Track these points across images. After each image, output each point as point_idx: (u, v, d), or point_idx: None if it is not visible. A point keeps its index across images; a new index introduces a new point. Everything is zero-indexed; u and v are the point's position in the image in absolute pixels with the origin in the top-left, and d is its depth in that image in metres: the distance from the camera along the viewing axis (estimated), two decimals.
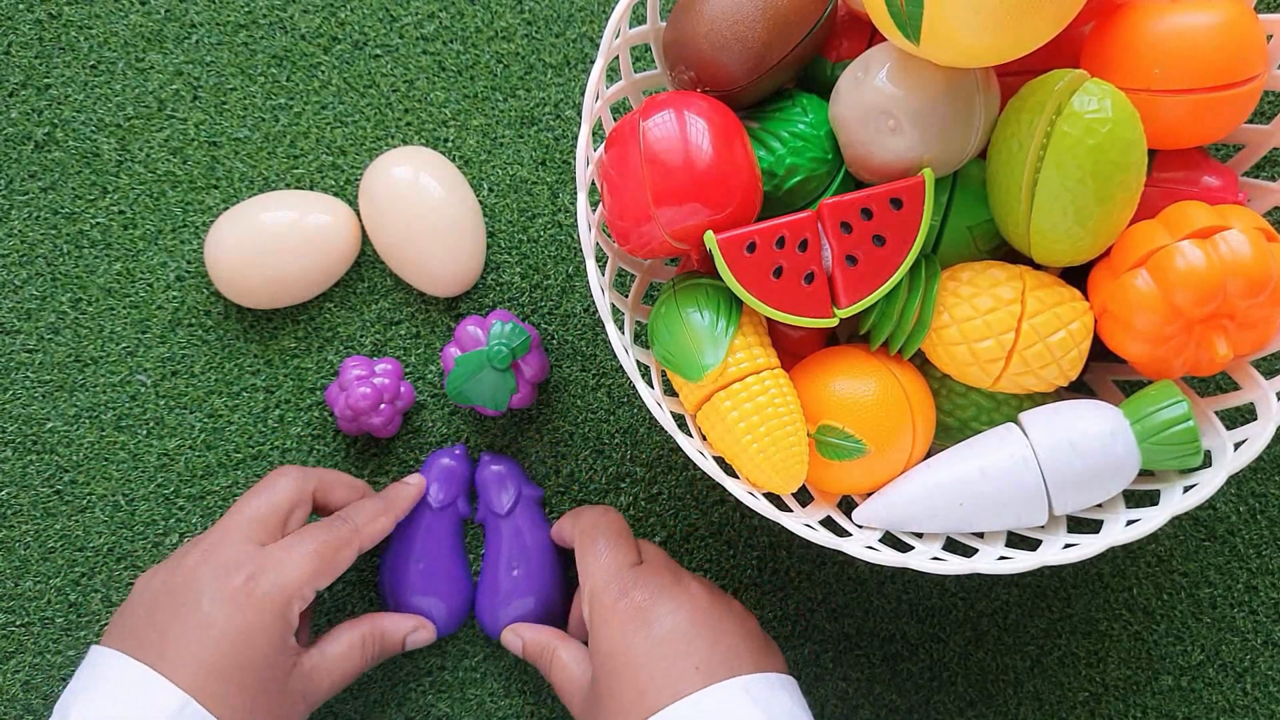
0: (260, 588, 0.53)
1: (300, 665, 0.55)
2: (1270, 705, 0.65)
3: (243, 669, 0.52)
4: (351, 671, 0.58)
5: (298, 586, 0.54)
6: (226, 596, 0.52)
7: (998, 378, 0.52)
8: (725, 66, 0.52)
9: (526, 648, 0.60)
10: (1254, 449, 0.49)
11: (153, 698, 0.50)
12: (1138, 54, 0.50)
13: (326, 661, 0.56)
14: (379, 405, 0.61)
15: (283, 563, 0.54)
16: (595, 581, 0.55)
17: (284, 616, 0.53)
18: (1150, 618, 0.65)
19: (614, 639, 0.53)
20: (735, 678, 0.52)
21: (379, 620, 0.59)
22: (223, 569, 0.53)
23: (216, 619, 0.52)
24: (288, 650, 0.54)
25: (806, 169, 0.53)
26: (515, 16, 0.65)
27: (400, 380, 0.62)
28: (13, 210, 0.64)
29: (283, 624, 0.53)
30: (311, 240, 0.62)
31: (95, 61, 0.64)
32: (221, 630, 0.52)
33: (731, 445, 0.52)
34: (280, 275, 0.62)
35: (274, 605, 0.53)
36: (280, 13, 0.64)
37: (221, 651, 0.51)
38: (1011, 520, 0.53)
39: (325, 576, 0.55)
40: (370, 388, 0.61)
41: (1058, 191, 0.48)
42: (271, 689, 0.53)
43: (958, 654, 0.65)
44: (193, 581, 0.53)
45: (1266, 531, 0.65)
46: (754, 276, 0.50)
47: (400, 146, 0.64)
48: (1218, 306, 0.49)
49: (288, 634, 0.54)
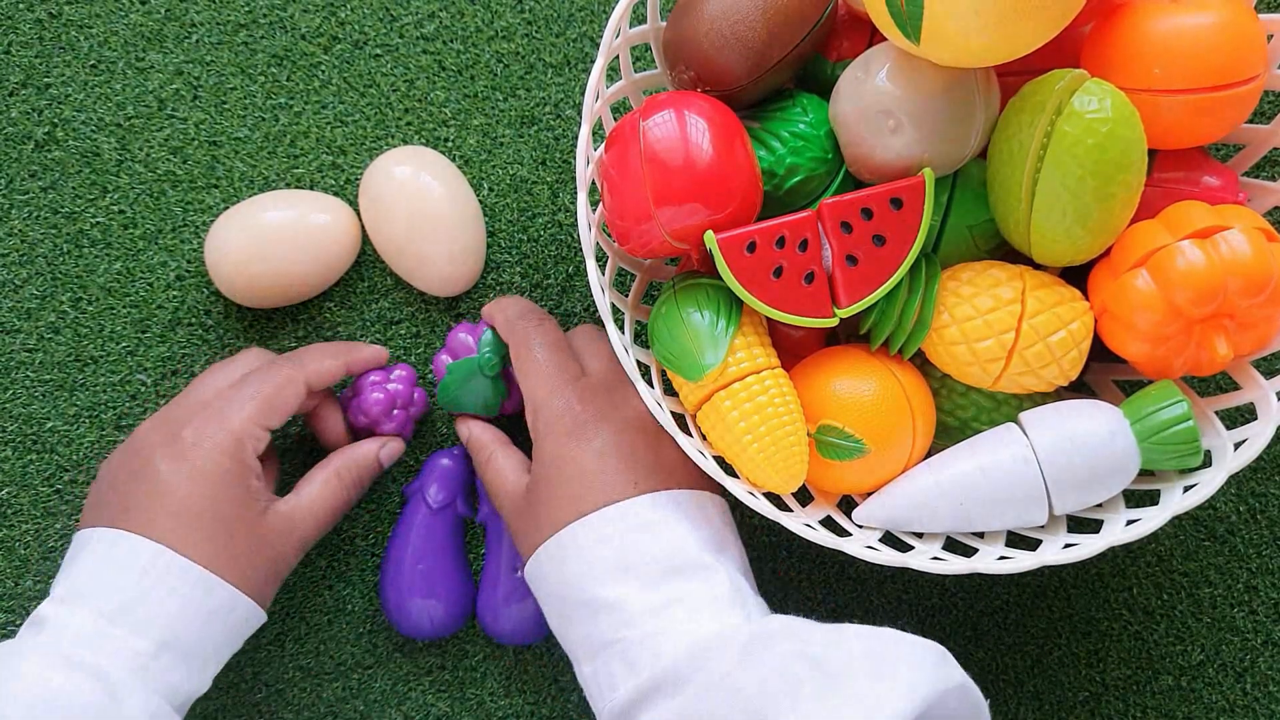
0: (207, 436, 0.54)
1: (275, 510, 0.56)
2: (1270, 705, 0.65)
3: (209, 515, 0.53)
4: (336, 505, 0.58)
5: (244, 428, 0.55)
6: (178, 453, 0.54)
7: (998, 378, 0.52)
8: (725, 66, 0.52)
9: (470, 441, 0.60)
10: (1254, 449, 0.49)
11: (127, 555, 0.52)
12: (1138, 54, 0.50)
13: (305, 501, 0.57)
14: (391, 411, 0.61)
15: (224, 410, 0.55)
16: (539, 393, 0.55)
17: (237, 458, 0.54)
18: (1150, 618, 0.65)
19: (556, 449, 0.54)
20: (669, 490, 0.53)
21: (346, 450, 0.60)
22: (171, 431, 0.55)
23: (172, 475, 0.53)
24: (252, 492, 0.55)
25: (806, 169, 0.53)
26: (515, 16, 0.65)
27: (414, 387, 0.62)
28: (13, 210, 0.64)
29: (238, 465, 0.54)
30: (312, 240, 0.62)
31: (95, 61, 0.64)
32: (179, 483, 0.53)
33: (731, 445, 0.52)
34: (280, 275, 0.62)
35: (224, 449, 0.54)
36: (280, 12, 0.64)
37: (185, 503, 0.53)
38: (1011, 520, 0.53)
39: (272, 415, 0.56)
40: (383, 393, 0.61)
41: (1058, 191, 0.48)
42: (242, 531, 0.54)
43: (958, 654, 0.65)
44: (145, 448, 0.55)
45: (1266, 531, 0.65)
46: (754, 276, 0.50)
47: (401, 146, 0.64)
48: (1218, 306, 0.49)
49: (246, 475, 0.54)
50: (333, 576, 0.65)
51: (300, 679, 0.65)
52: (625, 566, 0.50)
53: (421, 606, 0.62)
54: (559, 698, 0.65)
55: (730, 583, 0.51)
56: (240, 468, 0.54)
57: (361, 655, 0.65)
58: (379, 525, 0.65)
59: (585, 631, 0.51)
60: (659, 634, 0.49)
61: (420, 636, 0.62)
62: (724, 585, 0.50)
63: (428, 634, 0.62)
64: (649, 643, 0.49)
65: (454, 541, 0.63)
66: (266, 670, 0.64)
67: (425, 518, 0.62)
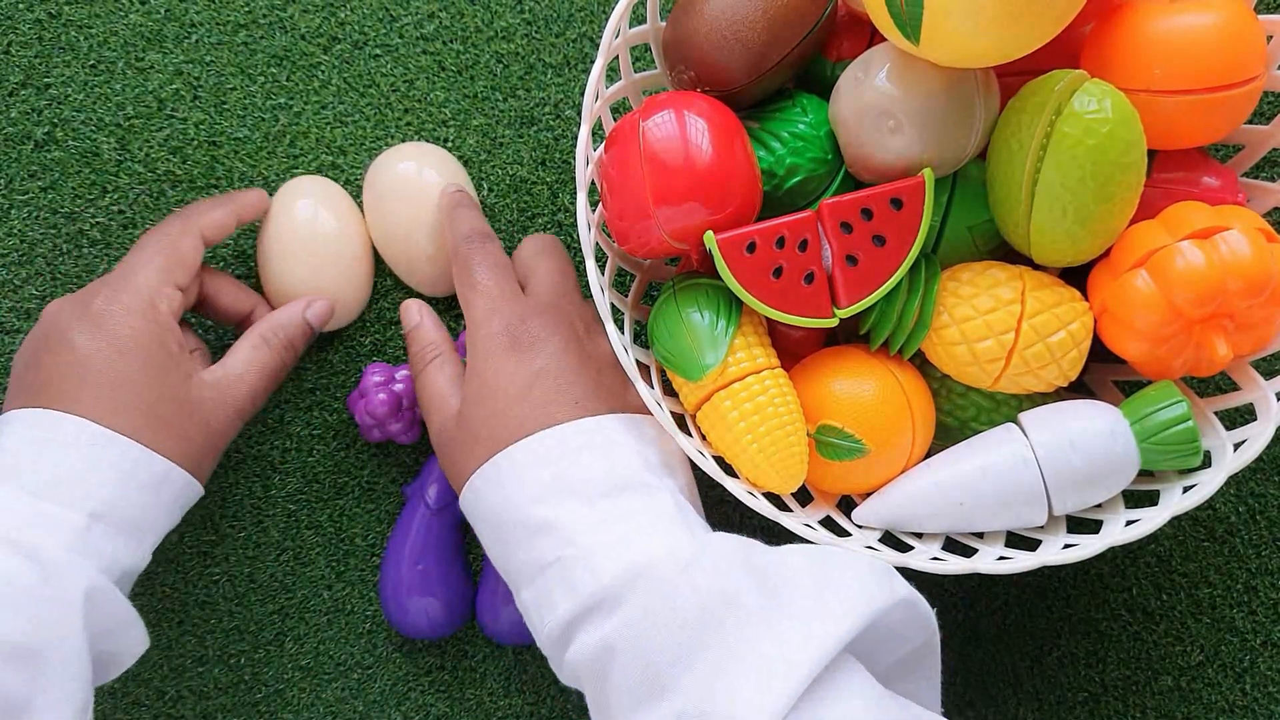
0: (118, 301, 0.53)
1: (201, 378, 0.55)
2: (1270, 705, 0.65)
3: (131, 383, 0.52)
4: (267, 369, 0.57)
5: (151, 286, 0.54)
6: (91, 322, 0.53)
7: (997, 378, 0.52)
8: (725, 66, 0.52)
9: (414, 333, 0.58)
10: (1254, 449, 0.49)
11: (49, 431, 0.50)
12: (1138, 54, 0.50)
13: (233, 368, 0.56)
14: (398, 411, 0.61)
15: (128, 275, 0.54)
16: (477, 313, 0.54)
17: (151, 318, 0.53)
18: (1150, 618, 0.65)
19: (492, 367, 0.52)
20: (614, 414, 0.52)
21: (270, 315, 0.59)
22: (81, 304, 0.54)
23: (88, 344, 0.52)
24: (173, 357, 0.54)
25: (806, 169, 0.53)
26: (515, 16, 0.65)
27: None
28: (13, 210, 0.64)
29: (154, 326, 0.53)
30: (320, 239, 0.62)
31: (95, 61, 0.64)
32: (96, 350, 0.52)
33: (731, 445, 0.52)
34: (283, 275, 0.62)
35: (136, 309, 0.53)
36: (280, 13, 0.64)
37: (105, 372, 0.52)
38: (1011, 520, 0.53)
39: (177, 270, 0.55)
40: (388, 394, 0.61)
41: (1058, 191, 0.48)
42: (167, 397, 0.53)
43: (958, 654, 0.65)
44: (59, 324, 0.53)
45: (1266, 532, 0.65)
46: (754, 276, 0.50)
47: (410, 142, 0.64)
48: (1217, 307, 0.49)
49: (165, 337, 0.54)
50: (332, 576, 0.65)
51: (300, 679, 0.65)
52: (565, 487, 0.49)
53: (421, 606, 0.62)
54: (559, 698, 0.65)
55: (674, 503, 0.49)
56: (156, 329, 0.53)
57: (361, 655, 0.65)
58: (379, 525, 0.65)
59: (524, 555, 0.49)
60: (598, 552, 0.47)
61: (419, 636, 0.62)
62: (667, 505, 0.49)
63: (427, 634, 0.62)
64: (588, 561, 0.47)
65: (454, 541, 0.63)
66: (266, 670, 0.64)
67: (425, 518, 0.62)
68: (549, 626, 0.48)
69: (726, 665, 0.43)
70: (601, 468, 0.50)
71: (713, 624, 0.44)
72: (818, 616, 0.44)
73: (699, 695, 0.43)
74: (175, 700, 0.64)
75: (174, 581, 0.64)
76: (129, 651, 0.52)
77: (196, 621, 0.64)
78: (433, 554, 0.62)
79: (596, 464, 0.50)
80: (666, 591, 0.45)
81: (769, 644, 0.43)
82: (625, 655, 0.45)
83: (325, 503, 0.65)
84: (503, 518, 0.50)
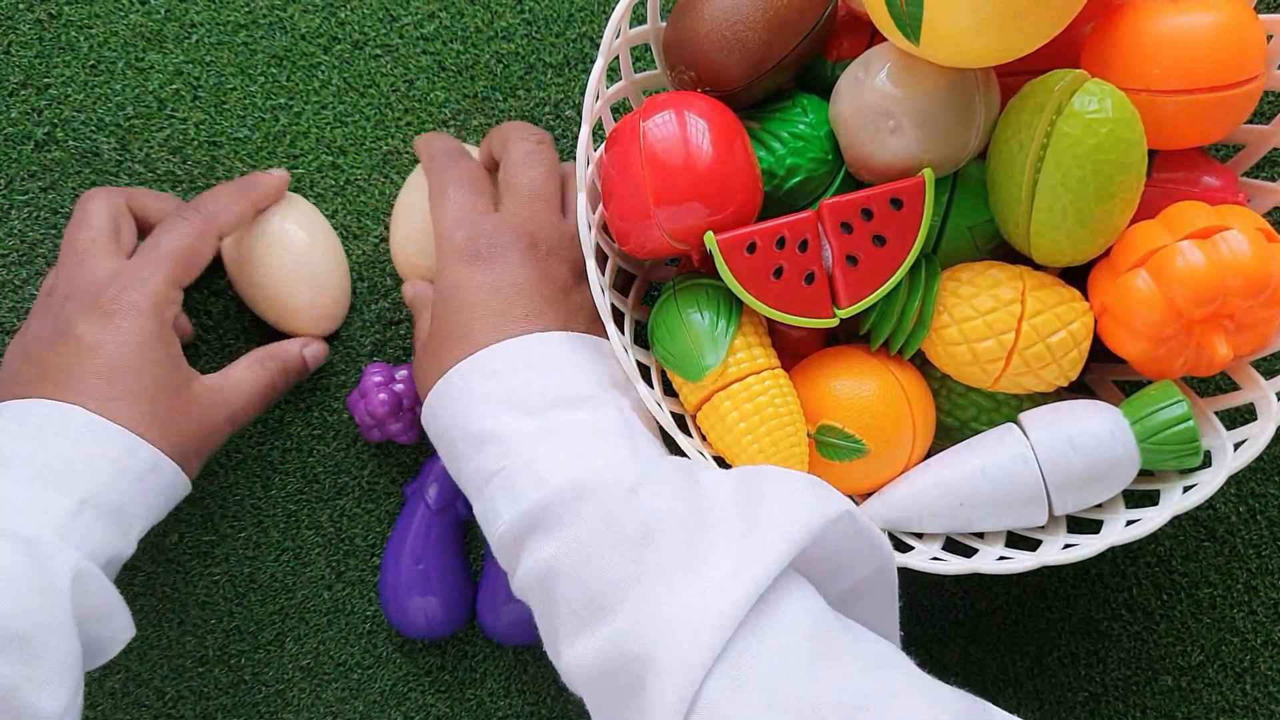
0: (126, 298, 0.53)
1: (200, 381, 0.56)
2: (1270, 705, 0.65)
3: (132, 376, 0.52)
4: (262, 386, 0.58)
5: (161, 291, 0.54)
6: (98, 315, 0.53)
7: (998, 378, 0.52)
8: (725, 66, 0.52)
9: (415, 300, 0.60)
10: (1254, 449, 0.49)
11: (42, 419, 0.51)
12: (1138, 54, 0.50)
13: (232, 379, 0.57)
14: (398, 411, 0.61)
15: (138, 275, 0.54)
16: (444, 226, 0.55)
17: (157, 320, 0.54)
18: (1150, 618, 0.65)
19: (452, 280, 0.53)
20: (563, 331, 0.52)
21: (270, 345, 0.60)
22: (87, 294, 0.54)
23: (93, 336, 0.53)
24: (174, 358, 0.55)
25: (807, 169, 0.53)
26: (515, 16, 0.65)
27: None
28: (13, 210, 0.64)
29: (158, 327, 0.54)
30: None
31: (95, 61, 0.64)
32: (100, 343, 0.52)
33: (731, 445, 0.52)
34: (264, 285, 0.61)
35: (144, 310, 0.53)
36: (280, 13, 0.64)
37: (108, 363, 0.52)
38: (1011, 520, 0.53)
39: (187, 272, 0.56)
40: (388, 394, 0.61)
41: (1058, 191, 0.48)
42: (166, 394, 0.53)
43: (958, 654, 0.65)
44: (62, 313, 0.54)
45: (1266, 532, 0.65)
46: (754, 277, 0.50)
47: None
48: (1218, 307, 0.49)
49: (168, 338, 0.54)
50: (332, 576, 0.65)
51: (300, 679, 0.65)
52: (512, 400, 0.50)
53: (421, 606, 0.62)
54: (559, 698, 0.65)
55: (619, 416, 0.50)
56: (162, 330, 0.54)
57: (361, 655, 0.65)
58: (379, 525, 0.65)
59: (473, 466, 0.50)
60: (540, 460, 0.48)
61: (419, 636, 0.62)
62: (612, 418, 0.50)
63: (427, 634, 0.62)
64: (530, 469, 0.48)
65: (454, 541, 0.63)
66: (267, 670, 0.64)
67: (425, 518, 0.62)
68: (499, 534, 0.49)
69: (665, 589, 0.44)
70: (548, 382, 0.50)
71: (652, 548, 0.45)
72: (755, 536, 0.44)
73: (636, 619, 0.44)
74: (175, 700, 0.64)
75: (174, 581, 0.64)
76: (115, 638, 0.52)
77: (196, 621, 0.64)
78: (433, 554, 0.62)
79: (544, 379, 0.50)
80: (609, 514, 0.46)
81: (709, 568, 0.43)
82: (567, 578, 0.46)
83: (325, 503, 0.65)
84: (453, 432, 0.51)
